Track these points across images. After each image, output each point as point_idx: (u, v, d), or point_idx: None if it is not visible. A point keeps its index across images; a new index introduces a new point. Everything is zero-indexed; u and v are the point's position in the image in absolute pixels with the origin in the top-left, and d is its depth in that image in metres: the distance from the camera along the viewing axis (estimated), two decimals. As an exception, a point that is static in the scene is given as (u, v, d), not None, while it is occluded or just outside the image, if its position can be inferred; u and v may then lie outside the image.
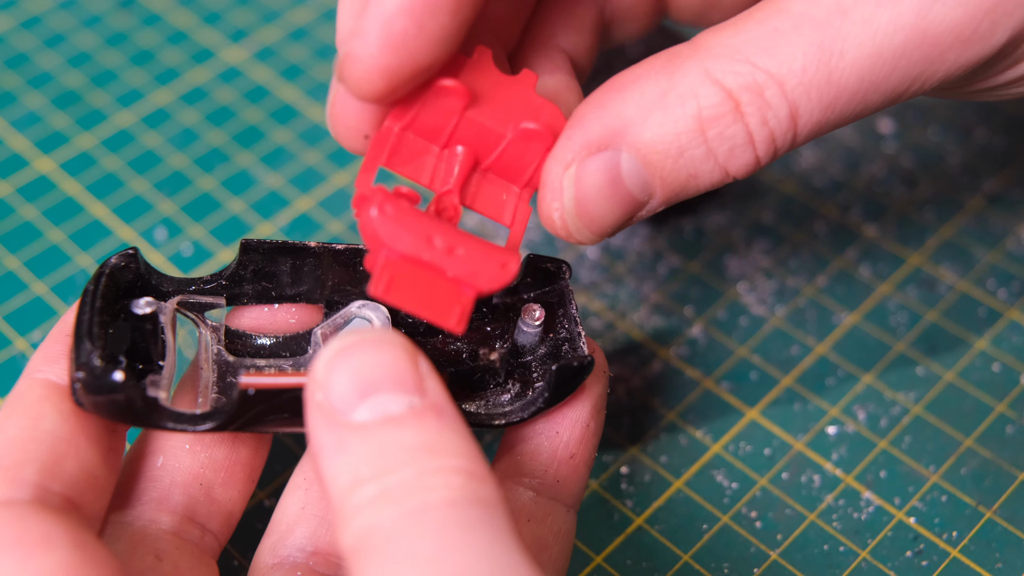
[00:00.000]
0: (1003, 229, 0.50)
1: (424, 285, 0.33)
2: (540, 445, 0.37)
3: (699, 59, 0.33)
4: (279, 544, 0.36)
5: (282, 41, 0.60)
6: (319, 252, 0.38)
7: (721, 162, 0.33)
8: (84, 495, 0.33)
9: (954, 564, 0.40)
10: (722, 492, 0.42)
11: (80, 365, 0.33)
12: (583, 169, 0.34)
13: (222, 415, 0.34)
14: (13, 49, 0.59)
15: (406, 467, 0.29)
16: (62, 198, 0.52)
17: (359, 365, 0.31)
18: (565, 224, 0.35)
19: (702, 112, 0.33)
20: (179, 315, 0.37)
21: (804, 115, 0.33)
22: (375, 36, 0.32)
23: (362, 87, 0.33)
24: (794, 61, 0.32)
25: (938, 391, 0.45)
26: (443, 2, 0.32)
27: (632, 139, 0.33)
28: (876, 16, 0.32)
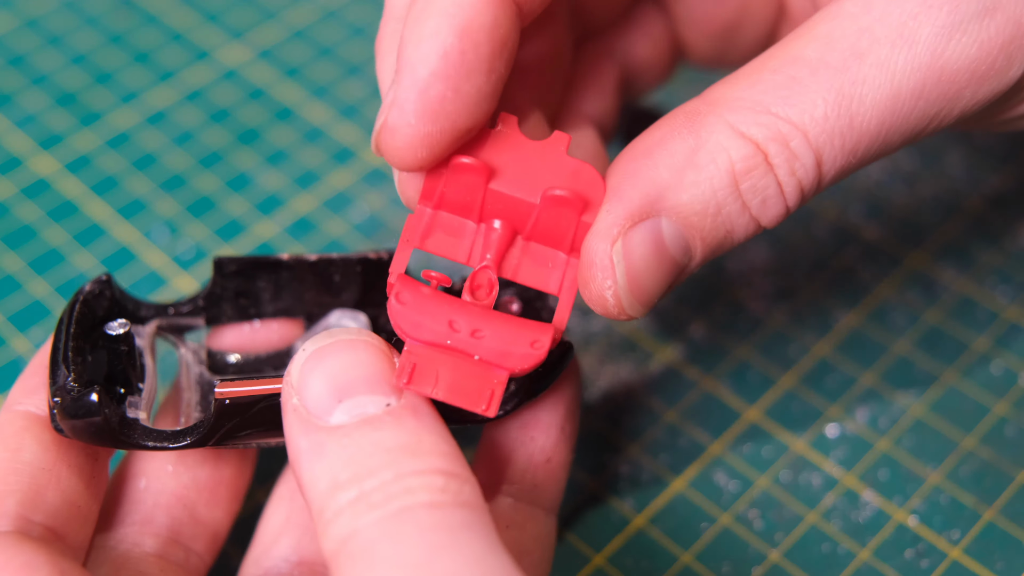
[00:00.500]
0: (1003, 229, 0.50)
1: (452, 371, 0.32)
2: (515, 451, 0.37)
3: (720, 113, 0.32)
4: (263, 556, 0.36)
5: (282, 41, 0.60)
6: (293, 265, 0.38)
7: (755, 214, 0.33)
8: (67, 525, 0.33)
9: (954, 564, 0.40)
10: (722, 492, 0.42)
11: (56, 390, 0.33)
12: (629, 242, 0.33)
13: (200, 430, 0.33)
14: (13, 49, 0.59)
15: (385, 469, 0.29)
16: (62, 198, 0.52)
17: (334, 367, 0.31)
18: (619, 302, 0.33)
19: (734, 166, 0.32)
20: (159, 338, 0.37)
21: (828, 161, 0.33)
22: (412, 105, 0.31)
23: (404, 158, 0.32)
24: (815, 109, 0.32)
25: (938, 391, 0.45)
26: (476, 63, 0.31)
27: (671, 203, 0.32)
28: (892, 58, 0.32)
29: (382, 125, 0.32)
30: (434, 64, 0.31)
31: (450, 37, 0.31)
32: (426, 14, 0.31)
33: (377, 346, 0.32)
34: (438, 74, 0.31)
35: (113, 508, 0.36)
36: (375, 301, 0.39)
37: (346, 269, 0.38)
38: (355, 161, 0.54)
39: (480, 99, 0.32)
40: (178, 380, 0.38)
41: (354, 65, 0.58)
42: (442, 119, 0.31)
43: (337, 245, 0.50)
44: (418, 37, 0.31)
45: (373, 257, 0.39)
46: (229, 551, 0.40)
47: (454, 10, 0.31)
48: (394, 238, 0.51)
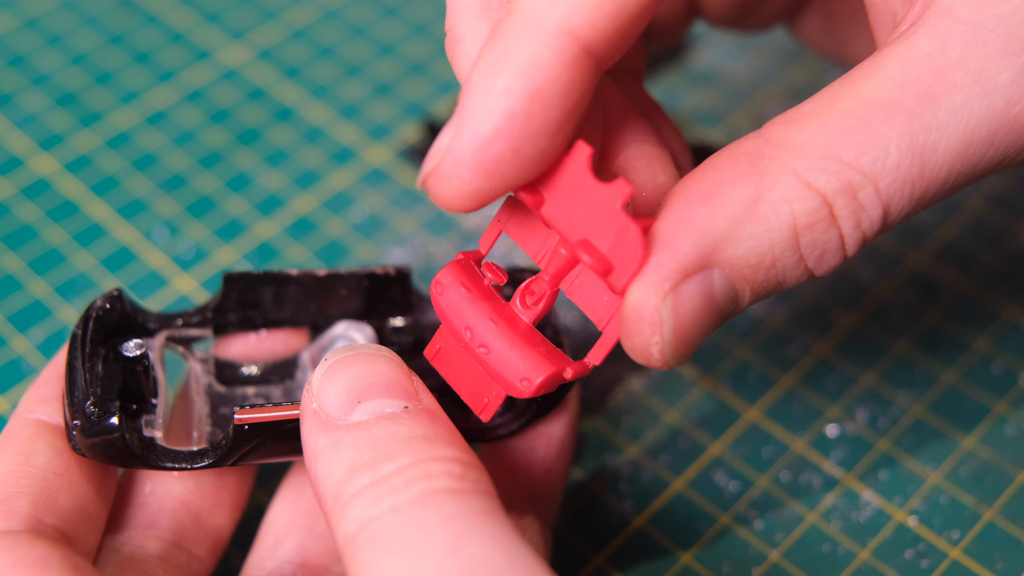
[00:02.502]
0: (1003, 229, 0.50)
1: (466, 366, 0.33)
2: (516, 461, 0.37)
3: (786, 160, 0.30)
4: (267, 557, 0.37)
5: (282, 41, 0.60)
6: (301, 279, 0.38)
7: (811, 267, 0.31)
8: (77, 529, 0.33)
9: (954, 564, 0.40)
10: (722, 492, 0.42)
11: (75, 412, 0.33)
12: (680, 296, 0.30)
13: (218, 451, 0.34)
14: (13, 49, 0.59)
15: (403, 455, 0.29)
16: (62, 198, 0.52)
17: (353, 375, 0.32)
18: (664, 356, 0.31)
19: (797, 220, 0.30)
20: (167, 350, 0.38)
21: (895, 211, 0.31)
22: (468, 161, 0.29)
23: (450, 205, 0.30)
24: (888, 157, 0.30)
25: (938, 391, 0.45)
26: (544, 126, 0.29)
27: (726, 256, 0.30)
28: (967, 106, 0.30)
29: (434, 169, 0.30)
30: (498, 123, 0.29)
31: (521, 99, 0.29)
32: (501, 66, 0.29)
33: (395, 359, 0.32)
34: (501, 133, 0.29)
35: (119, 510, 0.36)
36: (380, 312, 0.39)
37: (353, 283, 0.39)
38: (355, 161, 0.54)
39: (541, 160, 0.30)
40: (187, 390, 0.38)
41: (354, 65, 0.58)
42: (496, 178, 0.30)
43: (337, 245, 0.50)
44: (487, 89, 0.29)
45: (380, 272, 0.39)
46: (231, 552, 0.40)
47: (530, 70, 0.29)
48: (394, 238, 0.51)
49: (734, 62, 0.58)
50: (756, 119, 0.55)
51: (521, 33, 0.29)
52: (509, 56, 0.29)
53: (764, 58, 0.58)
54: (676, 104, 0.56)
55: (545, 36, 0.29)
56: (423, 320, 0.40)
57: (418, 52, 0.59)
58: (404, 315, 0.40)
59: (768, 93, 0.56)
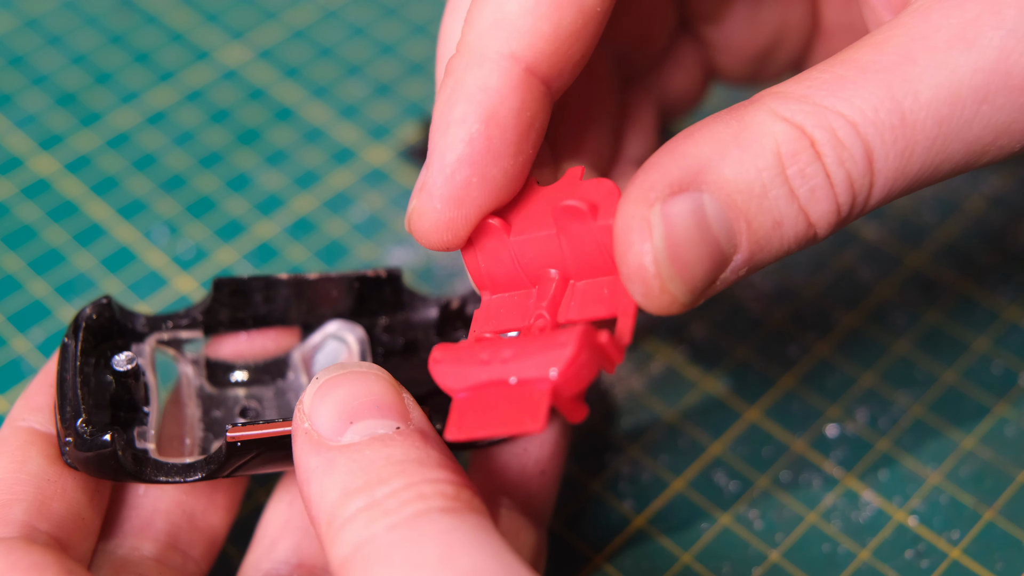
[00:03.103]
0: (1003, 229, 0.50)
1: (493, 405, 0.31)
2: (510, 462, 0.38)
3: (765, 104, 0.31)
4: (263, 558, 0.37)
5: (282, 41, 0.60)
6: (290, 283, 0.39)
7: (803, 205, 0.31)
8: (72, 535, 0.34)
9: (954, 564, 0.40)
10: (722, 492, 0.42)
11: (68, 429, 0.34)
12: (669, 208, 0.30)
13: (211, 464, 0.34)
14: (13, 49, 0.59)
15: (396, 479, 0.30)
16: (62, 198, 0.52)
17: (345, 395, 0.32)
18: (659, 271, 0.30)
19: (780, 147, 0.30)
20: (158, 353, 0.38)
21: (879, 159, 0.30)
22: (439, 191, 0.32)
23: (431, 241, 0.33)
24: (864, 103, 0.30)
25: (938, 391, 0.45)
26: (503, 147, 0.31)
27: (713, 177, 0.30)
28: (951, 59, 0.30)
29: (411, 209, 0.32)
30: (460, 150, 0.31)
31: (476, 123, 0.31)
32: (454, 99, 0.31)
33: (386, 378, 0.33)
34: (464, 160, 0.31)
35: (113, 512, 0.36)
36: (371, 311, 0.40)
37: (344, 285, 0.39)
38: (355, 161, 0.54)
39: (507, 182, 0.32)
40: (178, 393, 0.38)
41: (354, 65, 0.58)
42: (467, 204, 0.32)
43: (337, 245, 0.50)
44: (446, 123, 0.31)
45: (371, 275, 0.39)
46: (228, 552, 0.40)
47: (481, 96, 0.31)
48: (393, 238, 0.51)
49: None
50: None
51: (468, 65, 0.32)
52: (460, 88, 0.31)
53: (764, 58, 0.58)
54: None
55: (490, 63, 0.31)
56: (415, 319, 0.40)
57: (418, 52, 0.59)
58: (396, 314, 0.40)
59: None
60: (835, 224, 0.31)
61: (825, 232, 0.31)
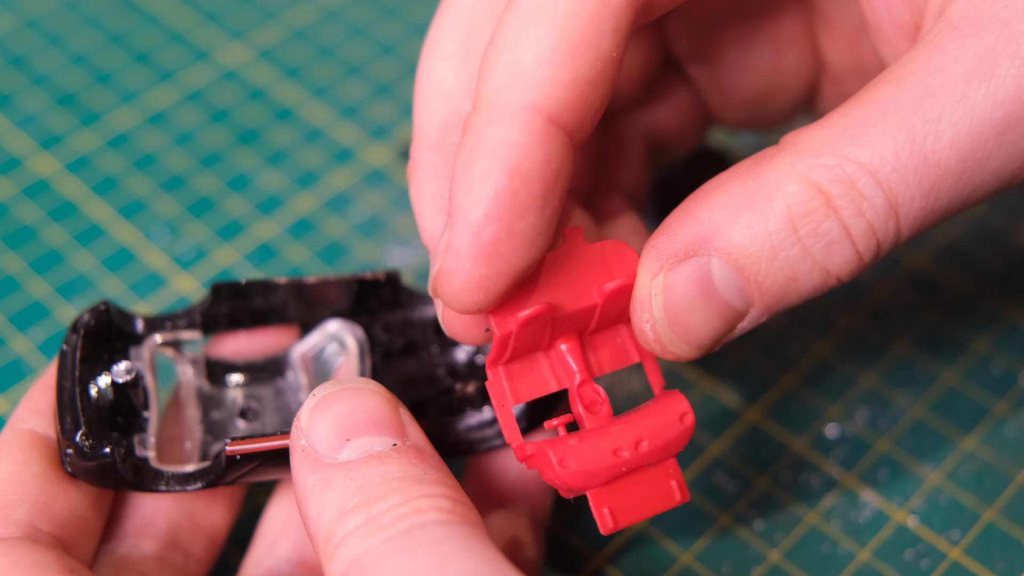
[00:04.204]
0: (1003, 229, 0.50)
1: (636, 488, 0.34)
2: (507, 464, 0.38)
3: (784, 157, 0.31)
4: (265, 556, 0.37)
5: (282, 41, 0.60)
6: (289, 286, 0.39)
7: (819, 261, 0.31)
8: (74, 537, 0.34)
9: (954, 564, 0.40)
10: (722, 492, 0.42)
11: (68, 440, 0.34)
12: (671, 277, 0.32)
13: (211, 475, 0.35)
14: (13, 49, 0.59)
15: (393, 495, 0.30)
16: (62, 198, 0.52)
17: (341, 411, 0.32)
18: (658, 336, 0.33)
19: (791, 209, 0.31)
20: (157, 354, 0.38)
21: (904, 203, 0.31)
22: (466, 249, 0.30)
23: (462, 302, 0.31)
24: (884, 149, 0.30)
25: (938, 391, 0.45)
26: (529, 201, 0.30)
27: (721, 243, 0.31)
28: (969, 93, 0.30)
29: (438, 271, 0.31)
30: (486, 207, 0.30)
31: (501, 179, 0.30)
32: (476, 155, 0.30)
33: (382, 394, 0.33)
34: (491, 216, 0.30)
35: (114, 511, 0.37)
36: (369, 311, 0.40)
37: (343, 287, 0.39)
38: (355, 161, 0.54)
39: (535, 236, 0.31)
40: (177, 395, 0.38)
41: (354, 65, 0.58)
42: (497, 261, 0.30)
43: (337, 245, 0.50)
44: (469, 180, 0.30)
45: (370, 278, 0.39)
46: (229, 551, 0.40)
47: (504, 151, 0.30)
48: (394, 239, 0.51)
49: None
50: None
51: (488, 119, 0.30)
52: (482, 144, 0.30)
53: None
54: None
55: (510, 116, 0.30)
56: (414, 318, 0.40)
57: (418, 52, 0.59)
58: (395, 313, 0.40)
59: (768, 93, 0.56)
60: (858, 270, 0.32)
61: (849, 277, 0.32)
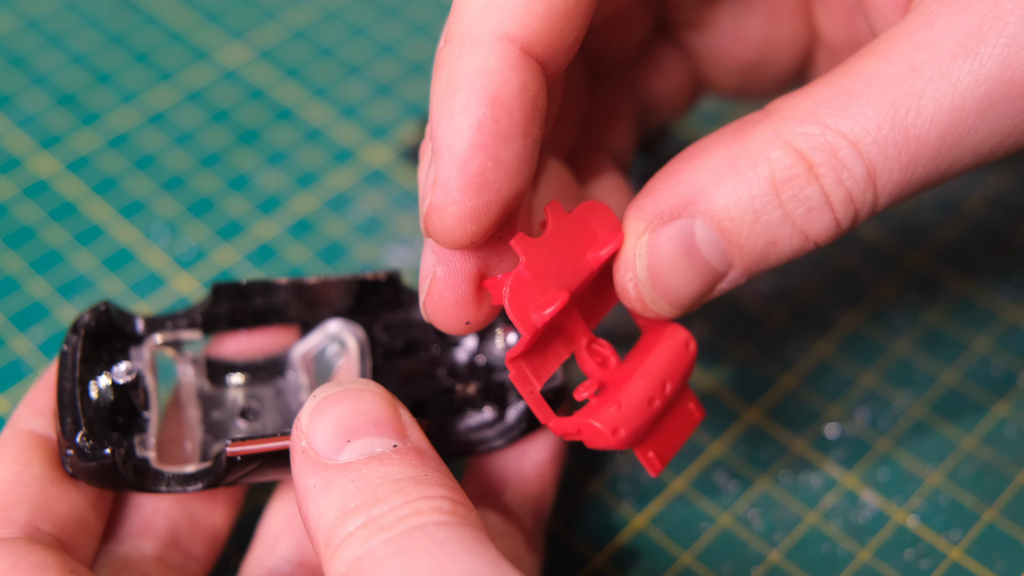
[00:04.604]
0: (1003, 229, 0.50)
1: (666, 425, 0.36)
2: (507, 464, 0.38)
3: (769, 123, 0.32)
4: (265, 556, 0.37)
5: (282, 41, 0.60)
6: (290, 286, 0.39)
7: (799, 225, 0.32)
8: (74, 537, 0.34)
9: (954, 564, 0.40)
10: (722, 492, 0.42)
11: (68, 441, 0.34)
12: (655, 238, 0.33)
13: (211, 475, 0.35)
14: (13, 49, 0.59)
15: (394, 496, 0.30)
16: (62, 198, 0.52)
17: (342, 413, 0.32)
18: (640, 295, 0.34)
19: (774, 174, 0.32)
20: (158, 354, 0.38)
21: (883, 175, 0.32)
22: (454, 181, 0.30)
23: (454, 236, 0.31)
24: (867, 121, 0.31)
25: (938, 391, 0.45)
26: (511, 128, 0.30)
27: (705, 206, 0.32)
28: (953, 70, 0.31)
29: (428, 207, 0.31)
30: (470, 137, 0.30)
31: (482, 108, 0.30)
32: (454, 87, 0.30)
33: (383, 395, 0.33)
34: (476, 146, 0.30)
35: (115, 511, 0.37)
36: (369, 311, 0.40)
37: (343, 288, 0.39)
38: (355, 161, 0.54)
39: (520, 164, 0.31)
40: (178, 395, 0.38)
41: (354, 65, 0.58)
42: (486, 191, 0.31)
43: (337, 246, 0.50)
44: (450, 112, 0.30)
45: (370, 279, 0.39)
46: (229, 551, 0.40)
47: (481, 80, 0.30)
48: (394, 239, 0.51)
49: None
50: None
51: (461, 51, 0.30)
52: (458, 75, 0.30)
53: (764, 58, 0.58)
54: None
55: (484, 46, 0.30)
56: (415, 318, 0.40)
57: (418, 52, 0.59)
58: (395, 313, 0.40)
59: (768, 93, 0.56)
60: (835, 235, 0.33)
61: (826, 242, 0.33)
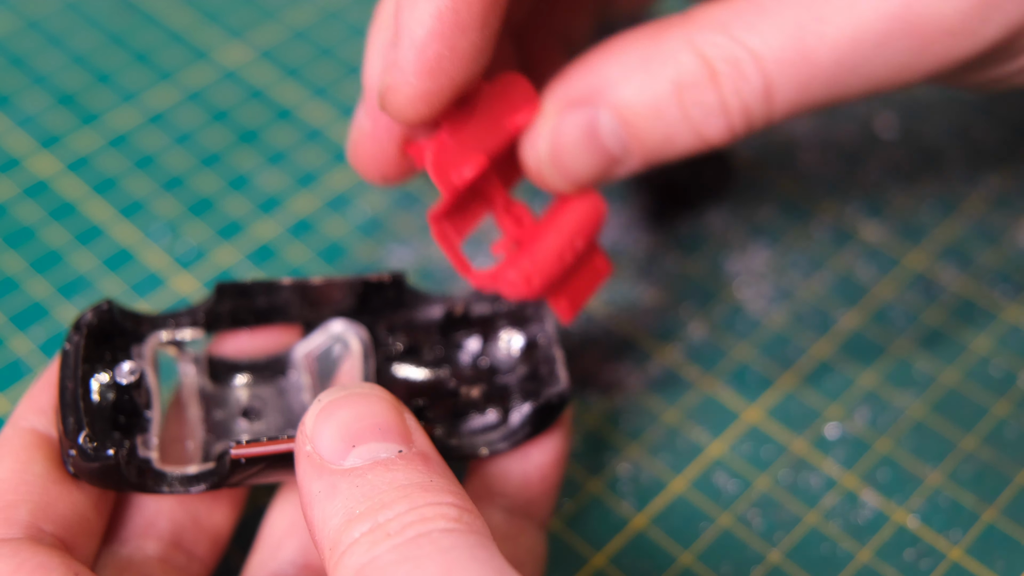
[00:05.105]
0: (1003, 229, 0.50)
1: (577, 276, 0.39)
2: (510, 466, 0.38)
3: (685, 28, 0.34)
4: (268, 559, 0.37)
5: (282, 41, 0.60)
6: (294, 287, 0.39)
7: (695, 126, 0.35)
8: (76, 537, 0.34)
9: (954, 564, 0.40)
10: (722, 492, 0.42)
11: (70, 441, 0.34)
12: (561, 121, 0.36)
13: (214, 477, 0.35)
14: (13, 49, 0.59)
15: (400, 503, 0.30)
16: (62, 198, 0.52)
17: (346, 417, 0.32)
18: (540, 170, 0.37)
19: (680, 77, 0.34)
20: (160, 352, 0.38)
21: (779, 92, 0.34)
22: (411, 65, 0.33)
23: (405, 114, 0.34)
24: (772, 39, 0.33)
25: (938, 391, 0.45)
26: (471, 21, 0.33)
27: (612, 98, 0.35)
28: (860, 1, 0.32)
29: (387, 86, 0.34)
30: (429, 24, 0.33)
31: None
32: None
33: (388, 399, 0.33)
34: (434, 34, 0.33)
35: (117, 512, 0.36)
36: (373, 311, 0.40)
37: (347, 288, 0.39)
38: (355, 161, 0.54)
39: (476, 54, 0.33)
40: (179, 394, 0.38)
41: (354, 65, 0.58)
42: (440, 76, 0.33)
43: (337, 246, 0.50)
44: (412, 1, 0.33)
45: (375, 280, 0.39)
46: (230, 552, 0.40)
47: None
48: (394, 238, 0.51)
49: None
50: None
51: None
52: None
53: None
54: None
55: None
56: (418, 319, 0.40)
57: (418, 52, 0.59)
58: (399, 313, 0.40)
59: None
60: (729, 140, 0.35)
61: (720, 145, 0.35)
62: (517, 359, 0.39)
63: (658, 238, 0.50)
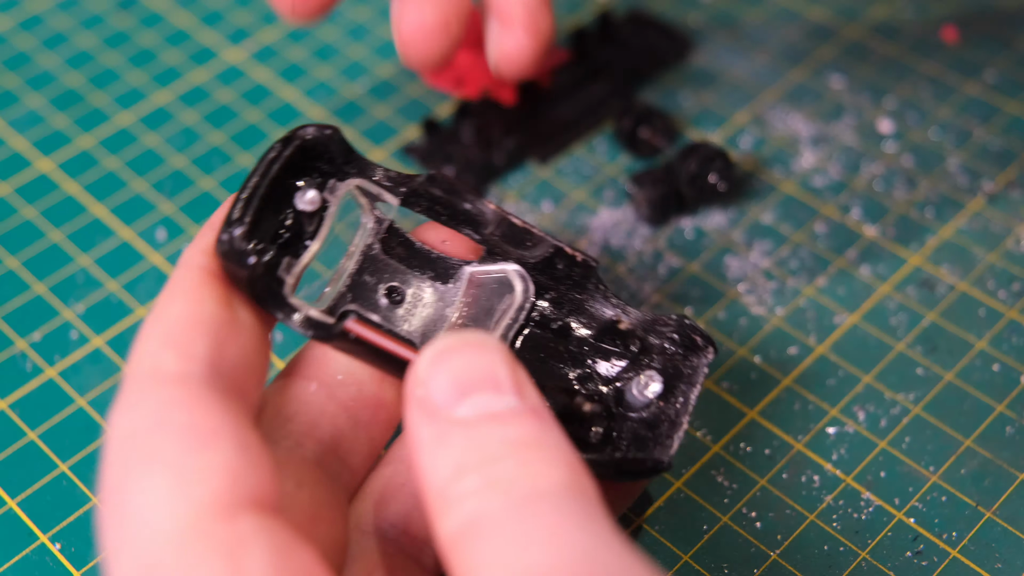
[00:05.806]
0: (1003, 229, 0.50)
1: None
2: None
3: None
4: (371, 512, 0.36)
5: (282, 41, 0.60)
6: (496, 214, 0.38)
7: None
8: (246, 382, 0.33)
9: (954, 564, 0.40)
10: (722, 492, 0.42)
11: (228, 228, 0.34)
12: None
13: (324, 332, 0.34)
14: (13, 49, 0.59)
15: (511, 459, 0.29)
16: (62, 198, 0.52)
17: (460, 365, 0.31)
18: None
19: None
20: (351, 196, 0.38)
21: None
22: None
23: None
24: None
25: (938, 391, 0.45)
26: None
27: None
28: None
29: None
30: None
31: None
32: None
33: (503, 351, 0.32)
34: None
35: (280, 407, 0.36)
36: (553, 278, 0.39)
37: (542, 244, 0.38)
38: (355, 161, 0.54)
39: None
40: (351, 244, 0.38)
41: (354, 65, 0.58)
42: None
43: (337, 245, 0.50)
44: None
45: (569, 252, 0.38)
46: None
47: None
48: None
49: (734, 62, 0.58)
50: (756, 119, 0.55)
51: None
52: None
53: (764, 58, 0.58)
54: (676, 104, 0.56)
55: None
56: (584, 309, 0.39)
57: (418, 52, 0.59)
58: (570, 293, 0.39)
59: (768, 93, 0.56)
60: None
61: None
62: (644, 402, 0.38)
63: (660, 239, 0.50)
